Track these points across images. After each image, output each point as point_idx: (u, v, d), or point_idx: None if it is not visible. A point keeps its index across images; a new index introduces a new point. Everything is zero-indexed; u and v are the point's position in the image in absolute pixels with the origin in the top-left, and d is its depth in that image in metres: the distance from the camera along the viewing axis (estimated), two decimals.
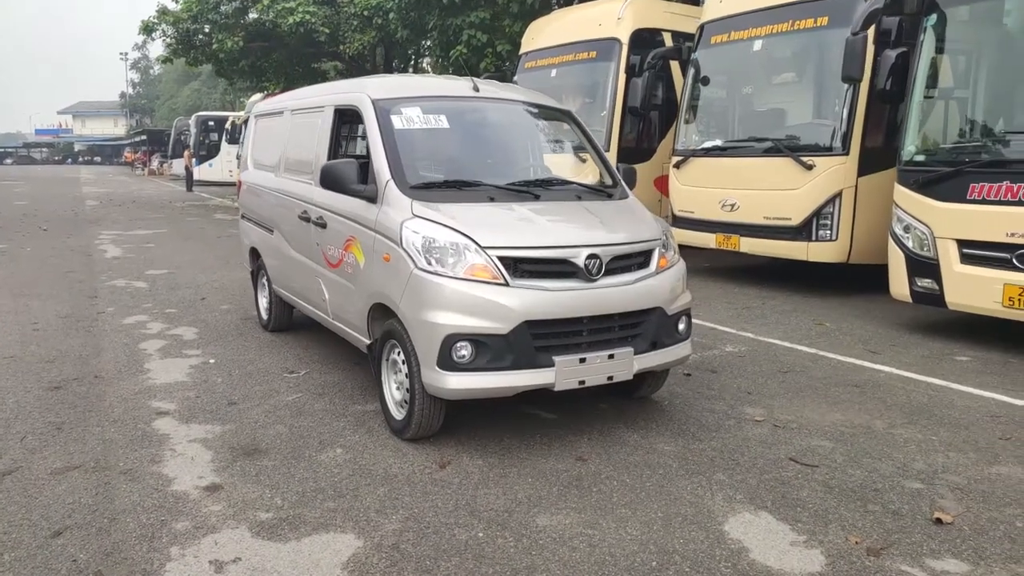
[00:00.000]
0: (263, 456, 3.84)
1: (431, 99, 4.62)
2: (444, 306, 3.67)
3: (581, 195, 4.51)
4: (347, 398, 4.76)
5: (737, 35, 9.21)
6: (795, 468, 3.75)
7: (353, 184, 4.20)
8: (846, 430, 4.28)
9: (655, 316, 4.08)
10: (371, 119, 4.37)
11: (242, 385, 5.01)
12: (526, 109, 5.08)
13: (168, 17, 20.92)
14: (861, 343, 6.28)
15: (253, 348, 5.97)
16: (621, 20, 11.22)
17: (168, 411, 4.50)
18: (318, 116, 5.09)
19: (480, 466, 3.74)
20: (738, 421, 4.42)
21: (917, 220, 6.42)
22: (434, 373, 3.68)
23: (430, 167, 4.55)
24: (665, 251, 4.30)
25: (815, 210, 8.08)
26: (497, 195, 4.20)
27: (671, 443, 4.07)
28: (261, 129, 6.50)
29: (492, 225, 3.91)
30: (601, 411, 4.57)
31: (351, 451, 3.91)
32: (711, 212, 9.15)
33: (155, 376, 5.20)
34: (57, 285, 8.69)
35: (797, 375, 5.37)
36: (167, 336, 6.33)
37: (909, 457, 3.90)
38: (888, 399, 4.85)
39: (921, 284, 6.47)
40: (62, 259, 10.85)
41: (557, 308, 3.76)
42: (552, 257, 3.83)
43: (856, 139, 7.87)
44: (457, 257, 3.73)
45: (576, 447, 4.00)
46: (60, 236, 13.79)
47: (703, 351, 5.99)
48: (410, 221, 3.88)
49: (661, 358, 4.16)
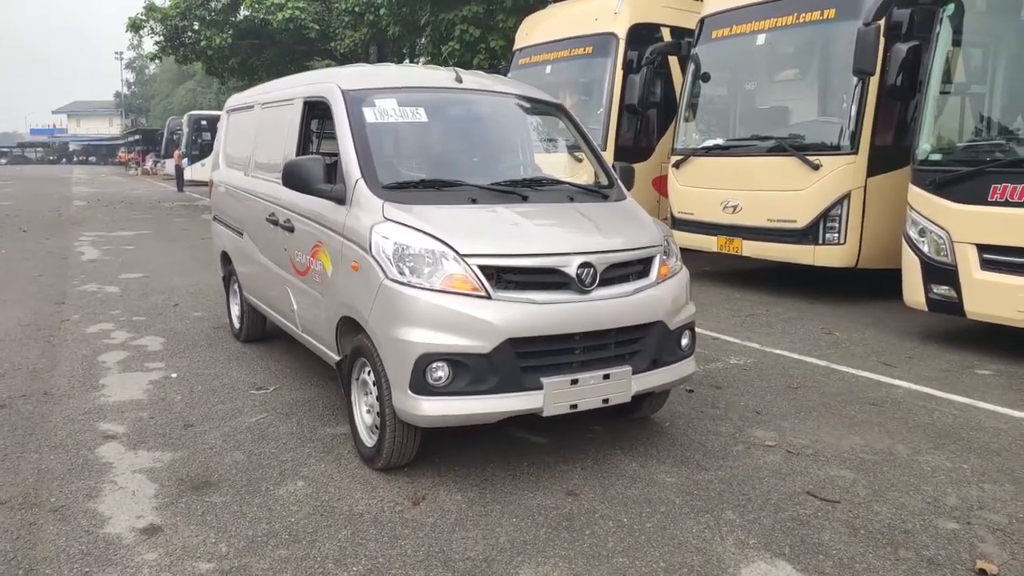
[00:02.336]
0: (213, 490, 3.41)
1: (409, 90, 4.19)
2: (417, 322, 3.24)
3: (574, 196, 4.08)
4: (317, 419, 4.33)
5: (739, 29, 8.80)
6: (814, 504, 3.33)
7: (319, 183, 3.77)
8: (867, 457, 3.86)
9: (656, 331, 3.66)
10: (340, 111, 3.95)
11: (203, 403, 4.58)
12: (515, 103, 4.64)
13: (156, 13, 20.46)
14: (875, 355, 5.87)
15: (221, 360, 5.54)
16: (618, 15, 10.81)
17: (116, 435, 4.07)
18: (287, 109, 4.66)
19: (459, 502, 3.31)
20: (747, 446, 4.00)
21: (933, 223, 6.01)
22: (406, 397, 3.26)
23: (406, 165, 4.12)
24: (667, 258, 3.88)
25: (822, 212, 7.67)
26: (480, 196, 3.78)
27: (674, 473, 3.65)
28: (232, 124, 6.06)
29: (473, 230, 3.48)
30: (596, 434, 4.15)
31: (314, 484, 3.48)
32: (712, 214, 8.74)
33: (109, 393, 4.77)
34: (25, 290, 8.25)
35: (809, 391, 4.95)
36: (131, 347, 5.89)
37: (940, 490, 3.48)
38: (910, 419, 4.43)
39: (938, 291, 6.06)
40: (36, 262, 10.40)
41: (546, 323, 3.33)
42: (540, 266, 3.41)
43: (865, 137, 7.46)
44: (433, 266, 3.31)
45: (568, 478, 3.57)
46: (39, 238, 13.34)
47: (706, 364, 5.57)
48: (380, 225, 3.45)
49: (663, 378, 3.73)
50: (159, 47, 21.82)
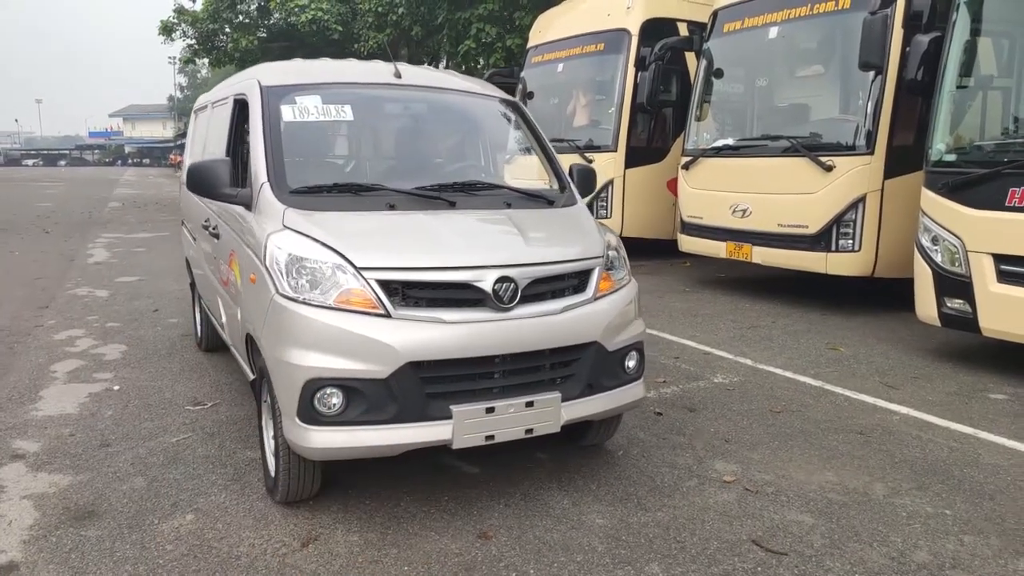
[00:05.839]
0: (94, 523, 3.13)
1: (336, 86, 3.86)
2: (306, 343, 2.90)
3: (512, 202, 3.69)
4: (241, 441, 4.03)
5: (751, 22, 8.28)
6: (756, 557, 2.90)
7: (224, 187, 3.46)
8: (835, 497, 3.40)
9: (591, 353, 3.26)
10: (256, 108, 3.64)
11: (131, 420, 4.33)
12: (461, 99, 4.26)
13: (186, 17, 20.64)
14: (878, 374, 5.34)
15: (173, 371, 5.30)
16: (631, 10, 10.36)
17: (26, 454, 3.84)
18: (223, 109, 4.39)
19: (352, 544, 2.97)
20: (701, 482, 3.57)
21: (946, 230, 5.45)
22: (294, 427, 2.93)
23: (326, 168, 3.80)
24: (610, 271, 3.48)
25: (835, 217, 7.13)
26: (401, 202, 3.42)
27: (607, 514, 3.24)
28: (195, 125, 5.84)
29: (377, 240, 3.13)
30: (536, 463, 3.76)
31: (204, 518, 3.17)
32: (721, 218, 8.24)
33: (43, 407, 4.56)
34: (15, 293, 8.19)
35: (791, 416, 4.48)
36: (88, 356, 5.70)
37: (910, 542, 3.01)
38: (897, 452, 3.94)
39: (951, 305, 5.50)
40: (41, 264, 10.42)
41: (454, 345, 2.96)
42: (450, 281, 3.04)
43: (882, 136, 6.90)
44: (328, 281, 2.97)
45: (485, 518, 3.20)
46: (58, 239, 13.45)
47: (687, 382, 5.13)
48: (277, 235, 3.13)
49: (600, 405, 3.33)
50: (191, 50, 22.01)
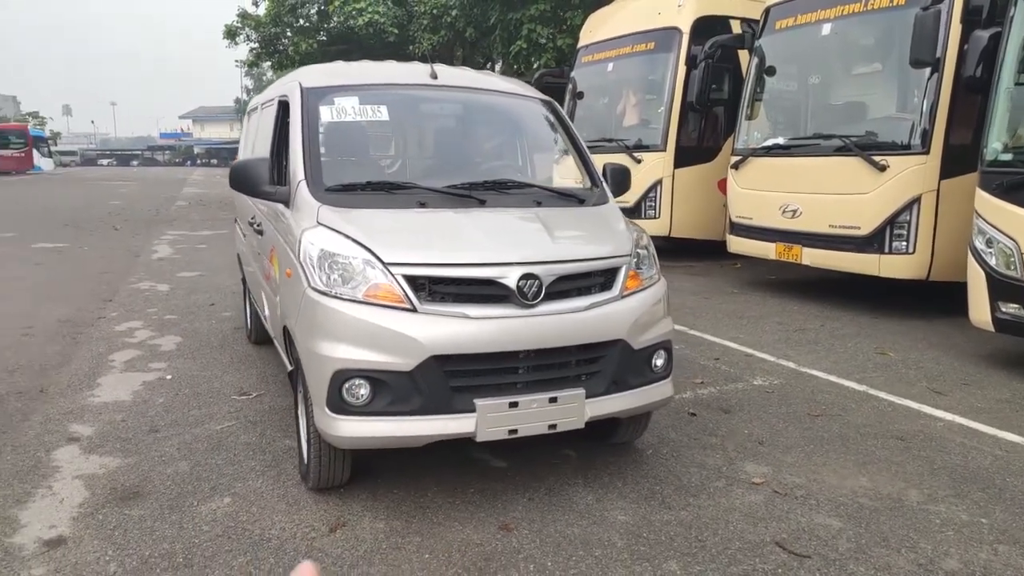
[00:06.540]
0: (138, 503, 3.29)
1: (373, 88, 3.96)
2: (336, 335, 3.01)
3: (542, 201, 3.73)
4: (281, 430, 4.18)
5: (804, 19, 8.14)
6: (778, 559, 2.88)
7: (264, 185, 3.61)
8: (867, 503, 3.34)
9: (616, 350, 3.28)
10: (296, 110, 3.77)
11: (180, 408, 4.52)
12: (496, 99, 4.32)
13: (250, 21, 21.27)
14: (926, 380, 5.20)
15: (223, 363, 5.51)
16: (682, 8, 10.28)
17: (80, 437, 4.05)
18: (270, 110, 4.55)
19: (378, 532, 3.06)
20: (729, 482, 3.55)
21: (1002, 232, 5.28)
22: (324, 416, 3.03)
23: (362, 166, 3.90)
24: (639, 269, 3.49)
25: (888, 218, 6.96)
26: (431, 200, 3.50)
27: (630, 511, 3.26)
28: (247, 127, 6.06)
29: (406, 237, 3.22)
30: (564, 459, 3.80)
31: (240, 502, 3.31)
32: (771, 219, 8.12)
33: (99, 393, 4.80)
34: (83, 287, 8.60)
35: (830, 420, 4.41)
36: (146, 346, 5.97)
37: (940, 550, 2.94)
38: (937, 459, 3.84)
39: (1006, 310, 5.32)
40: (109, 259, 10.90)
41: (478, 340, 3.03)
42: (475, 277, 3.10)
43: (938, 135, 6.70)
44: (359, 276, 3.07)
45: (509, 510, 3.25)
46: (126, 236, 14.04)
47: (724, 384, 5.08)
48: (311, 231, 3.24)
49: (624, 403, 3.34)
50: (254, 54, 22.66)
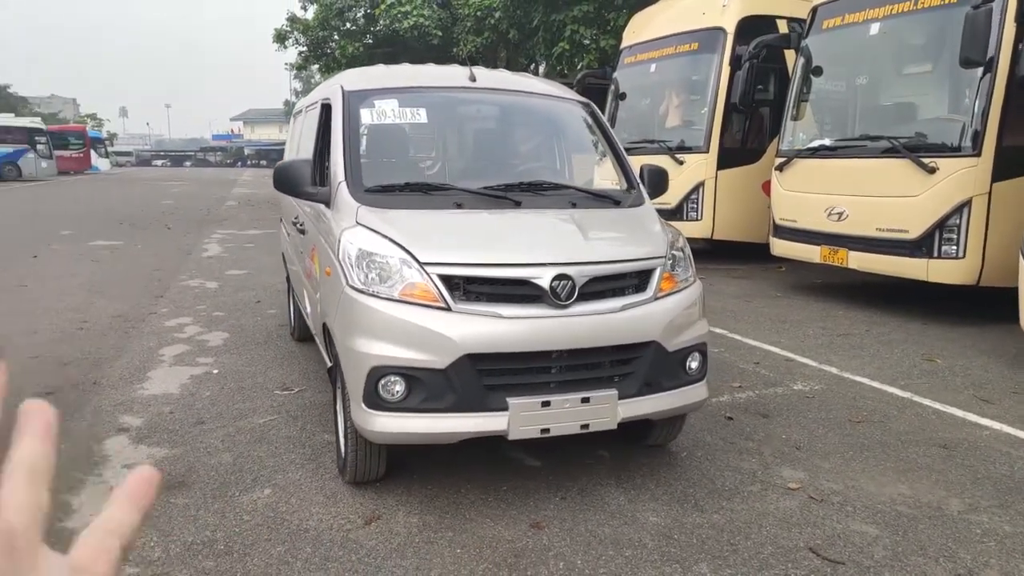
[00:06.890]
0: (183, 492, 3.41)
1: (413, 90, 4.04)
2: (373, 333, 3.08)
3: (577, 202, 3.76)
4: (320, 424, 4.28)
5: (852, 18, 8.00)
6: (811, 564, 2.85)
7: (306, 186, 3.71)
8: (905, 511, 3.29)
9: (650, 352, 3.29)
10: (338, 112, 3.86)
11: (225, 401, 4.66)
12: (534, 102, 4.36)
13: (299, 25, 21.69)
14: (973, 387, 5.07)
15: (267, 358, 5.65)
16: (726, 8, 10.18)
17: (130, 428, 4.21)
18: (314, 113, 4.66)
19: (411, 526, 3.12)
20: (764, 487, 3.52)
21: None
22: (360, 411, 3.10)
23: (401, 167, 3.98)
24: (674, 271, 3.49)
25: (938, 221, 6.79)
26: (468, 201, 3.56)
27: (662, 512, 3.26)
28: (292, 129, 6.21)
29: (441, 237, 3.28)
30: (598, 460, 3.81)
31: (280, 493, 3.40)
32: (816, 222, 7.99)
33: (149, 386, 4.97)
34: (135, 283, 8.89)
35: (871, 427, 4.33)
36: (194, 341, 6.15)
37: (980, 560, 2.88)
38: (981, 468, 3.75)
39: None
40: (161, 257, 11.23)
41: (511, 340, 3.07)
42: (509, 277, 3.15)
43: (990, 137, 6.53)
44: (396, 275, 3.14)
45: (541, 509, 3.29)
46: (178, 234, 14.43)
47: (763, 388, 5.03)
48: (350, 231, 3.32)
49: (658, 404, 3.35)
50: (303, 57, 23.09)
